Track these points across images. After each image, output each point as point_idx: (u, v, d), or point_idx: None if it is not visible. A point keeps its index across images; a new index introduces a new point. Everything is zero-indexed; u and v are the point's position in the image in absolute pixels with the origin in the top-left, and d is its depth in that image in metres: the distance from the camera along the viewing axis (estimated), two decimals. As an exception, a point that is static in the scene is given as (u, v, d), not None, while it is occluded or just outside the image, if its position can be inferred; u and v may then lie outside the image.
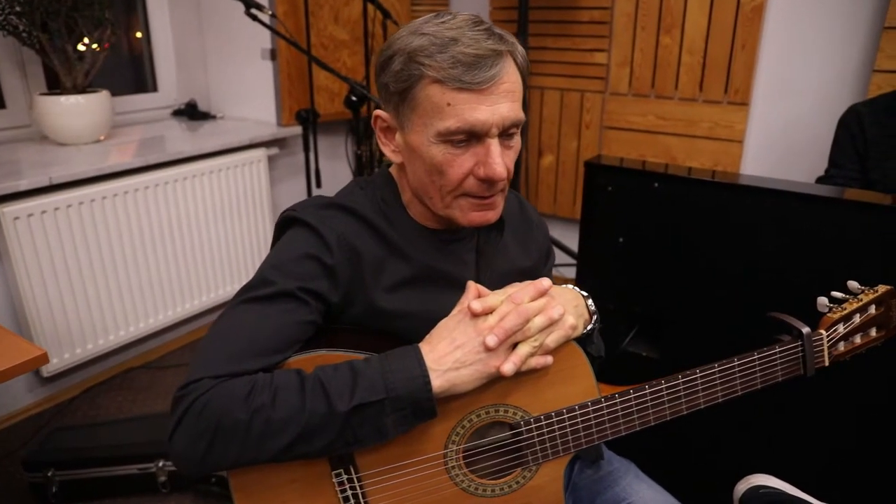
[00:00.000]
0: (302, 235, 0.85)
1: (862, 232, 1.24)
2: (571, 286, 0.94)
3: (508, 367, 0.77)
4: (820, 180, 1.94)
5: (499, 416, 0.84)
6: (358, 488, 0.81)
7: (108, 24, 2.23)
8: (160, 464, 1.78)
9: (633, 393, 0.87)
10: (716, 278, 1.41)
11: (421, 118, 0.80)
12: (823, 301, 0.99)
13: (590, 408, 0.85)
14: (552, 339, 0.81)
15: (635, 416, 0.87)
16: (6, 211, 1.88)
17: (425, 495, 0.84)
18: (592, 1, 2.78)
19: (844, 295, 1.00)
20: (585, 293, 0.93)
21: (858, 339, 0.99)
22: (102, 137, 2.41)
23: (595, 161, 1.52)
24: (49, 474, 1.74)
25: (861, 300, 0.99)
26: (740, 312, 1.37)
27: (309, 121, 2.61)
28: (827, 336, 0.95)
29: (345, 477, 0.80)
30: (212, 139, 2.52)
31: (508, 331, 0.77)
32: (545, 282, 0.82)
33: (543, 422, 0.85)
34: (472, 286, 0.82)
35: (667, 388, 0.88)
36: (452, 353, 0.77)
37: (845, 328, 0.97)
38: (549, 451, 0.86)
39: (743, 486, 1.09)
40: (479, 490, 0.86)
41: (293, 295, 0.80)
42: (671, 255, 1.45)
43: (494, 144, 0.80)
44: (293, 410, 0.72)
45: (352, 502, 0.81)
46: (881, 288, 1.01)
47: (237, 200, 2.60)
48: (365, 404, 0.73)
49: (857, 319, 0.98)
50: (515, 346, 0.79)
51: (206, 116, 2.88)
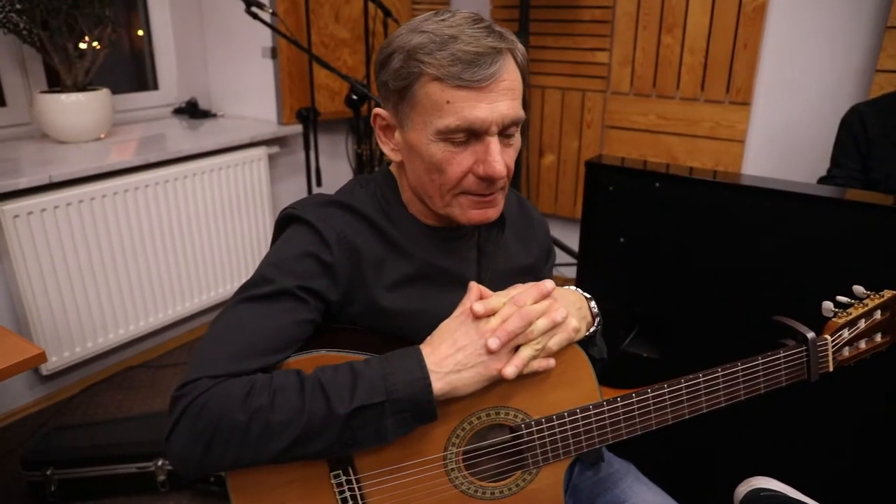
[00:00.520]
0: (301, 233, 0.84)
1: (864, 233, 1.23)
2: (574, 288, 0.93)
3: (510, 370, 0.76)
4: (822, 180, 1.93)
5: (499, 419, 0.83)
6: (357, 490, 0.81)
7: (109, 22, 2.23)
8: (159, 463, 1.78)
9: (636, 397, 0.86)
10: (716, 279, 1.40)
11: (420, 116, 0.80)
12: (828, 306, 0.98)
13: (591, 411, 0.85)
14: (555, 342, 0.80)
15: (637, 420, 0.87)
16: (6, 209, 1.88)
17: (425, 497, 0.83)
18: (594, 0, 2.77)
19: (849, 299, 0.99)
20: (588, 295, 0.92)
21: (863, 345, 0.98)
22: (103, 135, 2.40)
23: (596, 161, 1.51)
24: (48, 473, 1.74)
25: (866, 305, 0.98)
26: (741, 313, 1.36)
27: (309, 119, 2.60)
28: (832, 341, 0.95)
29: (343, 478, 0.80)
30: (212, 137, 2.51)
31: (511, 333, 0.76)
32: (548, 284, 0.81)
33: (544, 425, 0.84)
34: (475, 287, 0.81)
35: (669, 393, 0.87)
36: (454, 356, 0.76)
37: (850, 333, 0.96)
38: (550, 455, 0.85)
39: (744, 489, 1.09)
40: (479, 493, 0.85)
41: (292, 294, 0.79)
42: (672, 256, 1.45)
43: (494, 142, 0.79)
44: (292, 412, 0.71)
45: (350, 503, 0.81)
46: (887, 293, 0.99)
47: (237, 199, 2.59)
48: (365, 406, 0.72)
49: (863, 325, 0.97)
50: (517, 349, 0.78)
51: (207, 115, 2.87)
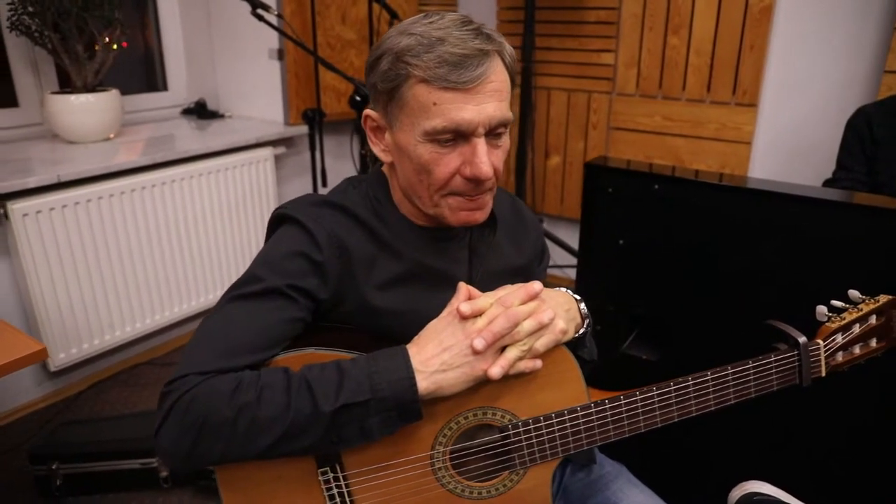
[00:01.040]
0: (292, 233, 0.85)
1: (865, 236, 1.22)
2: (565, 289, 0.93)
3: (496, 371, 0.77)
4: (827, 183, 1.91)
5: (487, 419, 0.84)
6: (344, 487, 0.81)
7: (118, 24, 2.26)
8: (162, 459, 1.80)
9: (624, 399, 0.86)
10: (717, 281, 1.40)
11: (408, 117, 0.80)
12: (822, 310, 0.97)
13: (578, 413, 0.85)
14: (541, 343, 0.80)
15: (625, 423, 0.87)
16: (15, 207, 1.91)
17: (412, 496, 0.84)
18: (600, 1, 2.76)
19: (844, 304, 0.98)
20: (578, 296, 0.92)
21: (858, 350, 0.97)
22: (112, 136, 2.43)
23: (595, 162, 1.51)
24: (54, 467, 1.76)
25: (861, 310, 0.97)
26: (741, 316, 1.35)
27: (315, 120, 2.62)
28: (824, 346, 0.94)
29: (331, 475, 0.81)
30: (219, 138, 2.54)
31: (497, 334, 0.76)
32: (536, 285, 0.81)
33: (531, 426, 0.84)
34: (463, 287, 0.82)
35: (658, 395, 0.87)
36: (440, 356, 0.77)
37: (844, 338, 0.96)
38: (537, 455, 0.86)
39: (737, 493, 1.08)
40: (466, 492, 0.86)
41: (281, 292, 0.80)
42: (672, 258, 1.44)
43: (481, 144, 0.80)
44: (278, 409, 0.72)
45: (337, 500, 0.82)
46: (882, 298, 0.99)
47: (244, 199, 2.61)
48: (350, 405, 0.73)
49: (857, 329, 0.96)
50: (504, 350, 0.79)
51: (215, 115, 2.90)
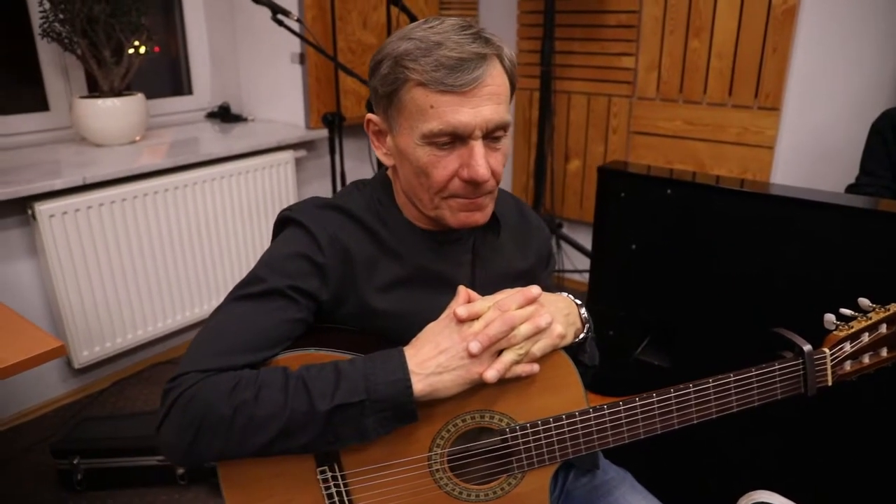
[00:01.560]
0: (295, 235, 0.87)
1: (885, 244, 1.19)
2: (566, 294, 0.93)
3: (491, 374, 0.77)
4: (849, 188, 1.87)
5: (485, 422, 0.84)
6: (342, 486, 0.82)
7: (144, 30, 2.32)
8: (179, 456, 1.84)
9: (623, 405, 0.86)
10: (731, 288, 1.37)
11: (407, 121, 0.82)
12: (830, 318, 0.95)
13: (577, 418, 0.85)
14: (538, 348, 0.80)
15: (624, 429, 0.86)
16: (42, 209, 1.98)
17: (409, 497, 0.84)
18: (620, 4, 2.75)
19: (854, 312, 0.96)
20: (579, 301, 0.92)
21: (867, 359, 0.95)
22: (138, 138, 2.50)
23: (608, 167, 1.50)
24: (75, 462, 1.81)
25: (871, 318, 0.94)
26: (755, 323, 1.33)
27: (335, 124, 2.65)
28: (831, 354, 0.92)
29: (329, 474, 0.82)
30: (242, 141, 2.59)
31: (492, 338, 0.77)
32: (534, 289, 0.82)
33: (529, 430, 0.84)
34: (463, 291, 0.82)
35: (658, 402, 0.87)
36: (436, 358, 0.77)
37: (852, 347, 0.93)
38: (535, 460, 0.86)
39: (745, 503, 1.06)
40: (464, 494, 0.86)
41: (283, 293, 0.82)
42: (685, 263, 1.43)
43: (478, 146, 0.80)
44: (275, 407, 0.74)
45: (335, 499, 0.83)
46: (893, 306, 0.96)
47: (264, 201, 2.66)
48: (345, 405, 0.74)
49: (866, 338, 0.94)
50: (501, 353, 0.79)
51: (239, 119, 2.96)
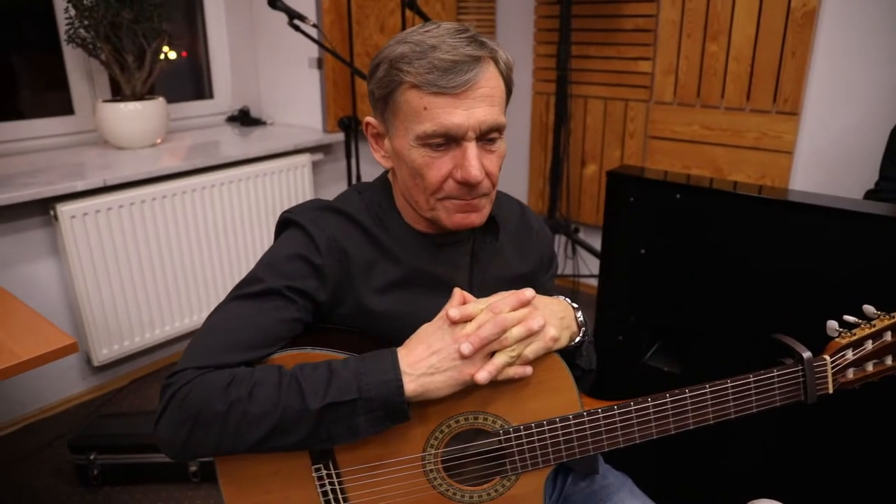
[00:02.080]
0: (294, 236, 0.89)
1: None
2: (562, 297, 0.93)
3: (482, 376, 0.78)
4: (868, 194, 1.83)
5: (478, 424, 0.85)
6: (337, 484, 0.84)
7: (166, 36, 2.38)
8: (192, 453, 1.87)
9: (618, 409, 0.86)
10: (741, 293, 1.36)
11: (402, 123, 0.83)
12: (833, 325, 0.94)
13: (570, 421, 0.85)
14: (531, 350, 0.81)
15: (619, 433, 0.86)
16: (64, 210, 2.03)
17: (403, 496, 0.85)
18: (637, 8, 2.73)
19: (857, 319, 0.94)
20: (576, 305, 0.92)
21: (871, 368, 0.93)
22: (159, 141, 2.56)
23: (617, 171, 1.50)
24: (91, 457, 1.86)
25: (875, 326, 0.92)
26: (765, 329, 1.31)
27: (351, 128, 2.68)
28: (832, 362, 0.91)
29: (324, 472, 0.83)
30: (260, 144, 2.63)
31: (484, 339, 0.77)
32: (528, 292, 0.82)
33: (523, 432, 0.85)
34: (458, 293, 0.83)
35: (653, 407, 0.86)
36: (428, 359, 0.78)
37: (855, 354, 0.92)
38: (529, 462, 0.86)
39: (747, 512, 1.05)
40: (458, 495, 0.86)
41: (280, 293, 0.84)
42: (694, 268, 1.41)
43: (471, 148, 0.81)
44: (269, 405, 0.75)
45: (330, 497, 0.84)
46: None
47: (282, 203, 2.70)
48: (337, 403, 0.75)
49: (870, 346, 0.92)
50: (493, 355, 0.79)
51: (258, 122, 3.01)
